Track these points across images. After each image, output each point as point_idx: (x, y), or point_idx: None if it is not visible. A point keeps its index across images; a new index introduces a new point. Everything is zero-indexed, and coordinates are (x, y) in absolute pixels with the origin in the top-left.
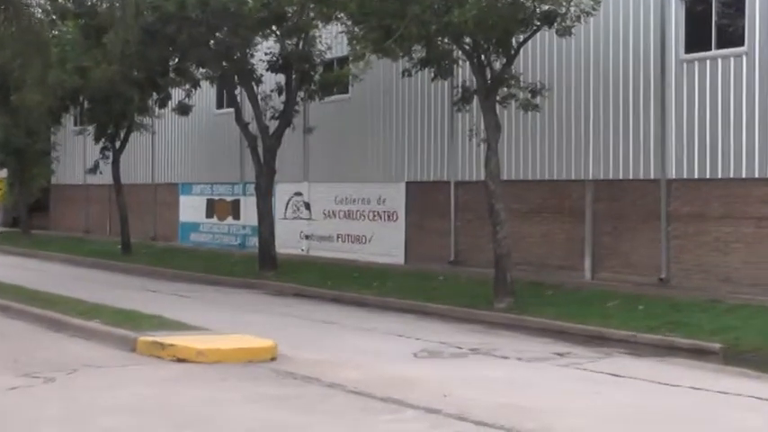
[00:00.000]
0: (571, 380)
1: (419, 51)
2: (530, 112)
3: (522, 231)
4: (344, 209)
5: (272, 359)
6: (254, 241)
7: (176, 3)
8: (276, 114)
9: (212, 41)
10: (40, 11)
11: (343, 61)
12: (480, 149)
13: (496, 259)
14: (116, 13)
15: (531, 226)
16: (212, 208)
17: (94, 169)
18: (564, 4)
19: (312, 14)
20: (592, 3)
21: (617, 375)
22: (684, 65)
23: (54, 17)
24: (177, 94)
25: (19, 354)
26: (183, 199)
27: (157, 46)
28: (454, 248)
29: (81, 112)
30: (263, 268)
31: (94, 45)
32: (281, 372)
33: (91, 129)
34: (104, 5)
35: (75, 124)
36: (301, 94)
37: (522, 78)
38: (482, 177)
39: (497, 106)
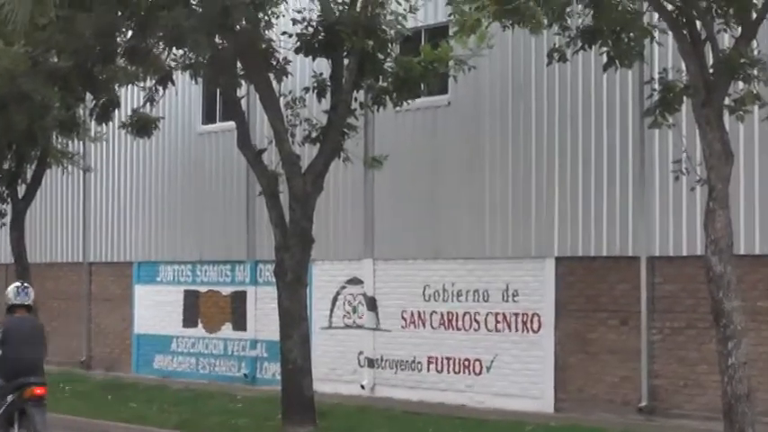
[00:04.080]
0: None
1: (580, 15)
2: None
3: None
4: (441, 310)
5: None
6: (272, 370)
7: None
8: (314, 133)
9: None
10: None
11: (437, 34)
12: (696, 197)
13: (726, 405)
14: None
15: None
16: (195, 309)
17: None
18: None
19: None
20: None
21: None
22: None
23: None
24: (131, 97)
25: None
26: (140, 291)
27: (96, 8)
28: (647, 384)
29: None
30: (290, 421)
31: None
32: None
33: None
34: None
35: None
36: (360, 95)
37: None
38: (698, 251)
39: (727, 117)
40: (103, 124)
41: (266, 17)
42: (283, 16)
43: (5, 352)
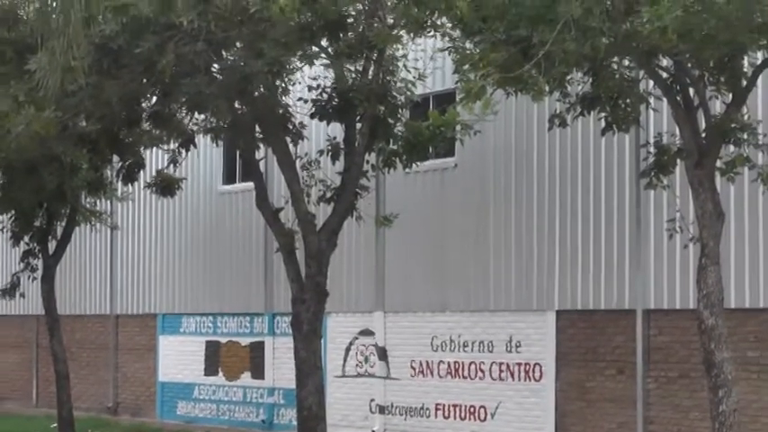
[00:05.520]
0: None
1: (580, 83)
2: None
3: (765, 401)
4: (448, 359)
5: None
6: (289, 416)
7: (155, 1)
8: (328, 193)
9: (216, 66)
10: None
11: (444, 100)
12: (689, 254)
13: None
14: (51, 18)
15: None
16: (216, 358)
17: (11, 290)
18: None
19: (391, 20)
20: None
21: None
22: None
23: None
24: (155, 160)
25: None
26: (164, 342)
27: (122, 76)
28: (643, 430)
29: None
30: None
31: (13, 75)
32: None
33: (6, 220)
34: (29, 7)
35: None
36: (371, 157)
37: (761, 129)
38: (691, 304)
39: (718, 179)
40: (129, 185)
41: (283, 84)
42: (299, 83)
43: None
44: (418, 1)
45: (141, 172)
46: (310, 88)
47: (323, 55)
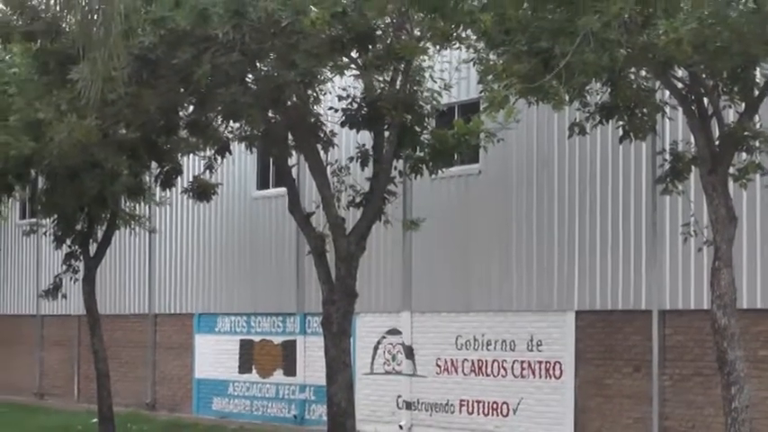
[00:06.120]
0: None
1: (598, 93)
2: None
3: None
4: (472, 358)
5: None
6: (320, 412)
7: (192, 14)
8: (358, 198)
9: (251, 77)
10: None
11: (469, 110)
12: (703, 257)
13: None
14: (93, 30)
15: None
16: (250, 355)
17: (54, 291)
18: None
19: (418, 32)
20: None
21: None
22: None
23: None
24: (192, 166)
25: None
26: (200, 340)
27: (160, 85)
28: (659, 425)
29: (33, 195)
30: None
31: (56, 85)
32: None
33: (49, 223)
34: (72, 20)
35: (23, 216)
36: (399, 164)
37: None
38: (705, 305)
39: (731, 185)
40: (167, 190)
41: (315, 94)
42: (330, 93)
43: None
44: (444, 14)
45: (178, 178)
46: (340, 98)
47: (352, 66)
